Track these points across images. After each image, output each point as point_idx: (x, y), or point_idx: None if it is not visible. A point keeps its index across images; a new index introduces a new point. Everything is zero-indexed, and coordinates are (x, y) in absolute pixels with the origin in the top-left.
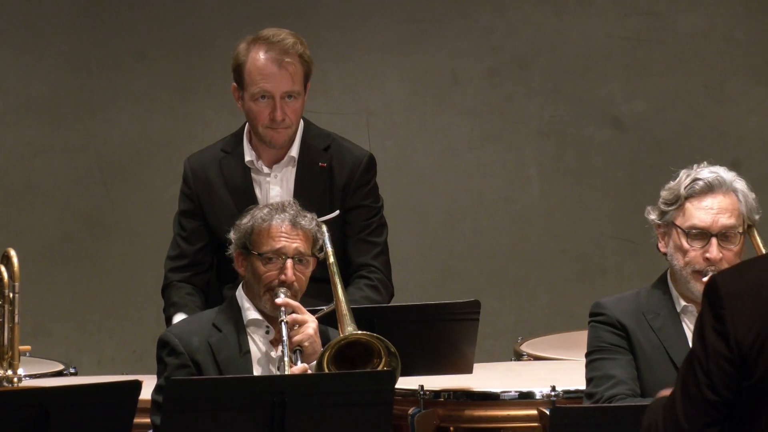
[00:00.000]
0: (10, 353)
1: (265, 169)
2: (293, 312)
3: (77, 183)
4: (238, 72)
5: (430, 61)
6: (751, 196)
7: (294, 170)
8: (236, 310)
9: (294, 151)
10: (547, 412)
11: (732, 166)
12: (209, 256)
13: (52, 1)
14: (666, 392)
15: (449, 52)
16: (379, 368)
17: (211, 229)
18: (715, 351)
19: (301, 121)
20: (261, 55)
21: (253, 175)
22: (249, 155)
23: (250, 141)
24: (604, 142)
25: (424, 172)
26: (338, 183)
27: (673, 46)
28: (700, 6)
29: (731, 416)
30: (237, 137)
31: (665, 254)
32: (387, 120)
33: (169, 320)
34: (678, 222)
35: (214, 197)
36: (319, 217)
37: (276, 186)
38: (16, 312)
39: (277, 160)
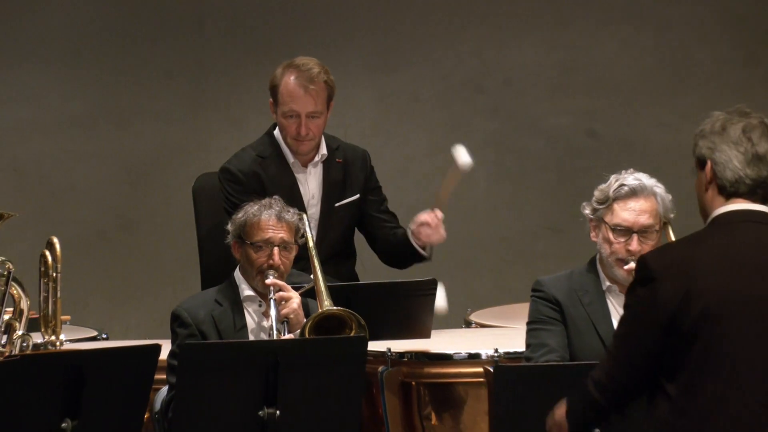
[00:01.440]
0: (53, 322)
1: (302, 168)
2: (280, 290)
3: (108, 184)
4: (274, 92)
5: (394, 84)
6: (668, 198)
7: (321, 167)
8: (234, 288)
9: (324, 151)
10: (491, 370)
11: (652, 173)
12: None
13: (88, 33)
14: None
15: (410, 77)
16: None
17: None
18: (647, 316)
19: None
20: (291, 80)
21: (293, 171)
22: (291, 158)
23: (287, 143)
24: (536, 151)
25: (390, 174)
26: (354, 174)
27: (591, 72)
28: (613, 39)
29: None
30: (267, 144)
31: (596, 242)
32: (360, 132)
33: None
34: (606, 219)
35: (264, 192)
36: (339, 201)
37: (313, 180)
38: (59, 288)
39: (310, 160)
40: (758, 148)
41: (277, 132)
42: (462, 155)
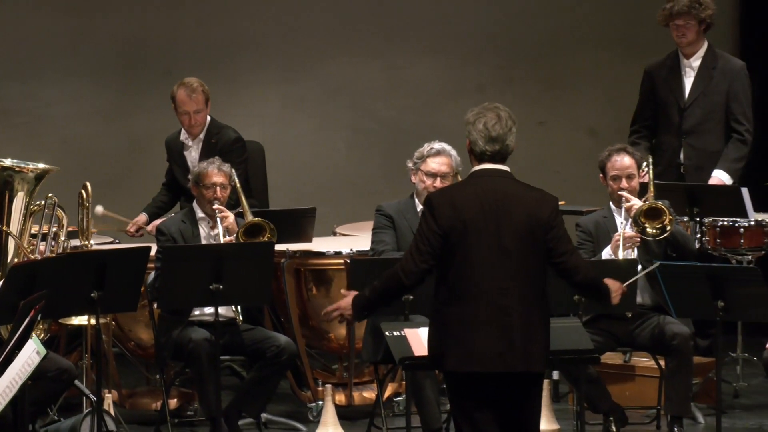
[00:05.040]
0: (86, 232)
1: (189, 143)
2: (222, 212)
3: (120, 151)
4: (173, 100)
5: (292, 91)
6: (458, 159)
7: (202, 143)
8: (193, 213)
9: (202, 135)
10: (349, 261)
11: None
12: (174, 182)
13: (113, 62)
14: None
15: (302, 87)
16: (267, 238)
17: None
18: (431, 230)
19: (209, 118)
20: (181, 92)
21: (183, 145)
22: (183, 137)
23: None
24: (375, 130)
25: (290, 147)
26: (221, 149)
27: (408, 83)
28: (422, 62)
29: (443, 264)
30: (181, 131)
31: (414, 183)
32: (271, 120)
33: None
34: (422, 168)
35: (170, 153)
36: None
37: (192, 151)
38: (90, 213)
39: (196, 136)
40: (492, 132)
41: None
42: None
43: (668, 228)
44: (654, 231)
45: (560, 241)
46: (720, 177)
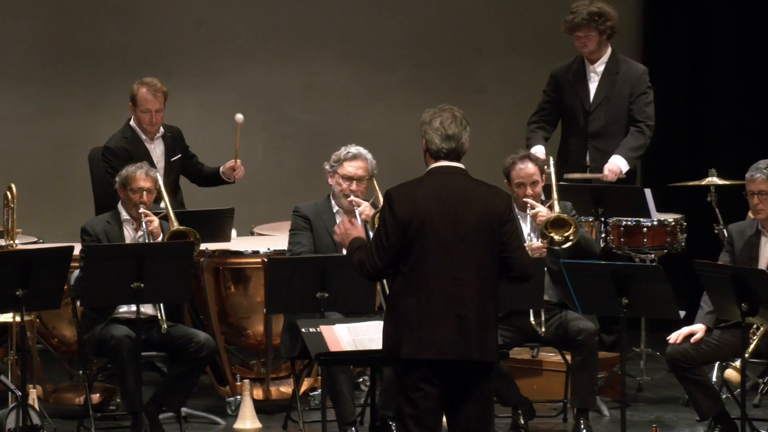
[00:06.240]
0: (11, 233)
1: (150, 141)
2: (147, 215)
3: (45, 153)
4: (133, 99)
5: (209, 95)
6: (374, 162)
7: (162, 140)
8: (118, 214)
9: (160, 132)
10: (266, 260)
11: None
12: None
13: (35, 62)
14: None
15: (219, 91)
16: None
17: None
18: (390, 223)
19: None
20: (144, 91)
21: (145, 144)
22: (143, 136)
23: (141, 128)
24: (293, 134)
25: (208, 150)
26: (178, 144)
27: (322, 88)
28: (339, 68)
29: (401, 257)
30: (129, 129)
31: (331, 185)
32: (190, 124)
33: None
34: (339, 171)
35: (130, 158)
36: (172, 158)
37: (158, 147)
38: (15, 214)
39: (154, 135)
40: (448, 131)
41: (132, 122)
42: (238, 117)
43: (572, 238)
44: (560, 239)
45: (513, 235)
46: (617, 162)
